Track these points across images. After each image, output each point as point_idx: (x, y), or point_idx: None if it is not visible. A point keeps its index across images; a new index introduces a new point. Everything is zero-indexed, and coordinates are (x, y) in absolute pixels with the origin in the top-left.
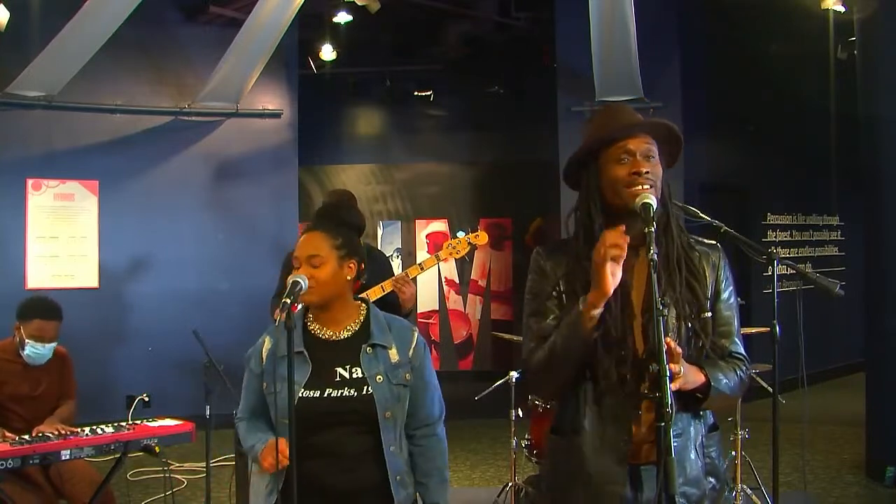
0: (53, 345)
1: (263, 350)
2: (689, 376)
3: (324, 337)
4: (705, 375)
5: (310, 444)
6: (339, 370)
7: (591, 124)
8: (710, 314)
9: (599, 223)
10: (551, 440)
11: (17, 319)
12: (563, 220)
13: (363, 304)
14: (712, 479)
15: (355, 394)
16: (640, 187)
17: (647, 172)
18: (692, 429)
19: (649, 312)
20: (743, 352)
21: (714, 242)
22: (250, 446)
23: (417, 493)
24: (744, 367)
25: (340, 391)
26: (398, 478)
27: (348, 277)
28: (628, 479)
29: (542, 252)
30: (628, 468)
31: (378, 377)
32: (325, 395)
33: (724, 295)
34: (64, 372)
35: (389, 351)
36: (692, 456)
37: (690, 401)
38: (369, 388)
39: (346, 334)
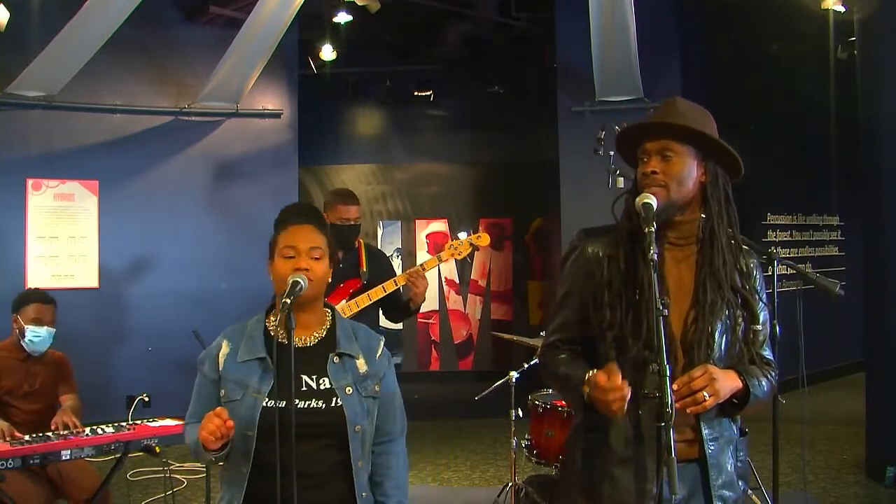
0: (53, 331)
1: (220, 354)
2: (724, 386)
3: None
4: (743, 382)
5: (271, 458)
6: (305, 379)
7: None
8: (760, 328)
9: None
10: (585, 438)
11: (12, 312)
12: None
13: (328, 311)
14: (742, 483)
15: (323, 405)
16: (647, 188)
17: (653, 172)
18: (728, 432)
19: (695, 310)
20: (773, 357)
21: (748, 248)
22: (193, 440)
23: None
24: (773, 374)
25: (307, 402)
26: (364, 494)
27: (329, 280)
28: (663, 474)
29: (582, 234)
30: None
31: (347, 388)
32: (293, 405)
33: (760, 300)
34: (62, 376)
35: (357, 361)
36: (728, 459)
37: (727, 405)
38: (338, 400)
39: (311, 341)
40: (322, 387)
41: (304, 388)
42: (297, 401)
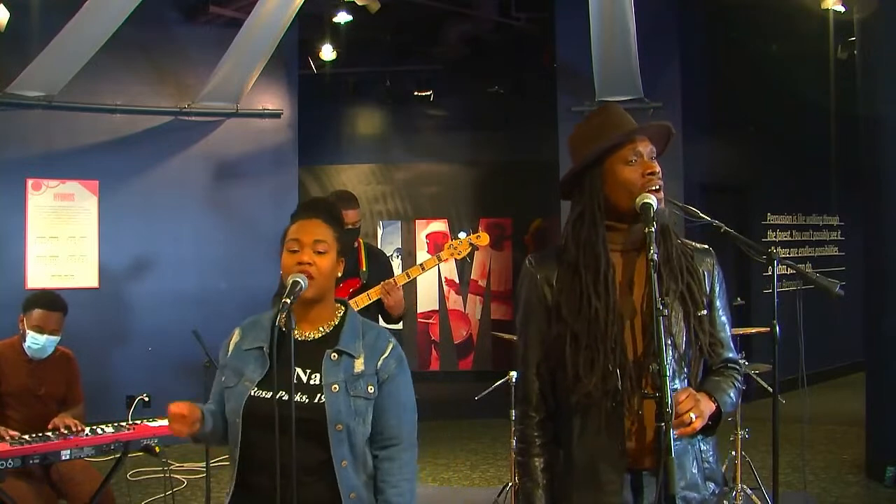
0: (55, 339)
1: (231, 342)
2: (707, 406)
3: (292, 336)
4: (716, 405)
5: (258, 450)
6: (299, 372)
7: (589, 127)
8: (706, 312)
9: (602, 228)
10: (553, 451)
11: (21, 311)
12: (565, 222)
13: (341, 307)
14: (712, 485)
15: (307, 400)
16: (655, 187)
17: (658, 172)
18: (691, 436)
19: (650, 312)
20: (736, 357)
21: (706, 247)
22: None
23: None
24: (740, 377)
25: (291, 395)
26: (352, 495)
27: (338, 275)
28: (627, 485)
29: (532, 261)
30: (628, 474)
31: (334, 386)
32: (277, 397)
33: (719, 302)
34: (69, 375)
35: (356, 360)
36: (691, 461)
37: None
38: (322, 397)
39: (314, 335)
40: (311, 382)
41: (295, 382)
42: (283, 393)
